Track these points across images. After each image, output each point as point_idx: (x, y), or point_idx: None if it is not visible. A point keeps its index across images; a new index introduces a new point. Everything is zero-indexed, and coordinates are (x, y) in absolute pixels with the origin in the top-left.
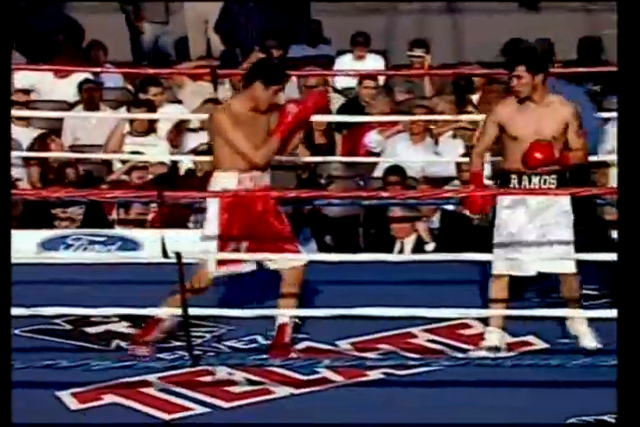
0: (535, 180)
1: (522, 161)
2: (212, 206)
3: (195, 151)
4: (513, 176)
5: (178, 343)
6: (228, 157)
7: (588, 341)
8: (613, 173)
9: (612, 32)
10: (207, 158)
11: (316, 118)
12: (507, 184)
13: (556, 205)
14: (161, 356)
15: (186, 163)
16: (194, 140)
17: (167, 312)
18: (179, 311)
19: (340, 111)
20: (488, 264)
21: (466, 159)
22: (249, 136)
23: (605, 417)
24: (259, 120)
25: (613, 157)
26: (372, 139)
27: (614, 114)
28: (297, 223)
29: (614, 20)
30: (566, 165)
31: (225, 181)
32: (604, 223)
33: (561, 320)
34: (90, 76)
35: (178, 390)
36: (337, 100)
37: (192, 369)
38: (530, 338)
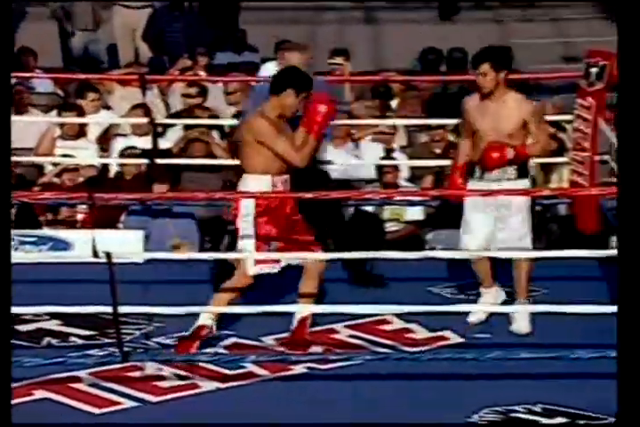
0: (496, 171)
1: (479, 161)
2: (247, 208)
3: (123, 155)
4: (477, 168)
5: (108, 340)
6: (264, 161)
7: (522, 326)
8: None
9: (520, 41)
10: (135, 161)
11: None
12: (472, 175)
13: (516, 198)
14: (91, 352)
15: (114, 166)
16: (123, 144)
17: (207, 318)
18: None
19: None
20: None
21: (385, 162)
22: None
23: (516, 407)
24: (284, 126)
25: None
26: None
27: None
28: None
29: (522, 29)
30: (524, 158)
31: (258, 183)
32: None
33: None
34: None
35: (107, 385)
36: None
37: (122, 365)
38: (446, 333)
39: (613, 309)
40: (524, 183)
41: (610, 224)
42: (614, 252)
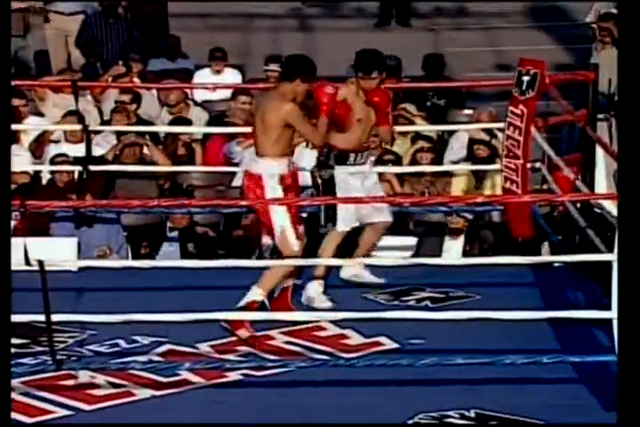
0: (365, 153)
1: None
2: (273, 188)
3: (54, 162)
4: (352, 154)
5: (40, 348)
6: (284, 144)
7: (372, 277)
8: (455, 181)
9: (453, 49)
10: (67, 168)
11: (177, 130)
12: (344, 162)
13: (372, 174)
14: (23, 361)
15: (46, 173)
16: (56, 151)
17: (259, 294)
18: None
19: (208, 125)
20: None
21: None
22: None
23: (451, 412)
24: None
25: (456, 167)
26: (231, 149)
27: (459, 126)
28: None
29: (454, 37)
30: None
31: (279, 166)
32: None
33: (411, 322)
34: None
35: (40, 393)
36: (197, 113)
37: (55, 373)
38: (381, 339)
39: (546, 315)
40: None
41: (542, 231)
42: (547, 258)
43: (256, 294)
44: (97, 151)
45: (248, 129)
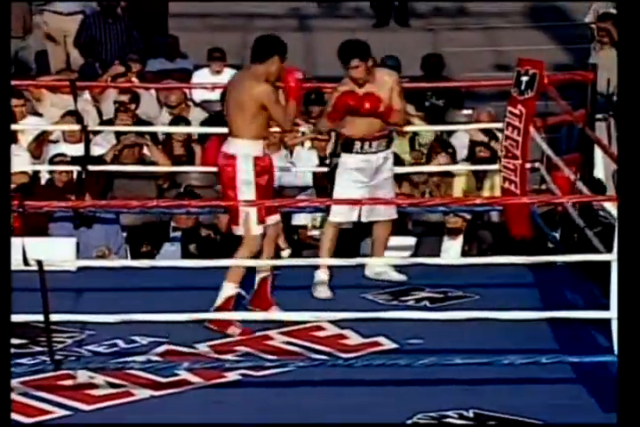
0: (374, 143)
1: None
2: (245, 173)
3: (52, 162)
4: (357, 142)
5: (39, 349)
6: (259, 125)
7: (395, 274)
8: (456, 182)
9: (452, 49)
10: (65, 168)
11: (176, 130)
12: (350, 149)
13: (385, 168)
14: (22, 361)
15: (45, 173)
16: (54, 151)
17: (233, 287)
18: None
19: (204, 124)
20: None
21: (321, 169)
22: None
23: (449, 412)
24: None
25: (456, 167)
26: None
27: (458, 127)
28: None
29: (453, 37)
30: (387, 120)
31: (254, 148)
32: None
33: (410, 322)
34: None
35: (39, 394)
36: (198, 114)
37: (54, 373)
38: (380, 339)
39: (544, 315)
40: (391, 151)
41: (541, 231)
42: (546, 258)
43: (228, 289)
44: (97, 151)
45: None
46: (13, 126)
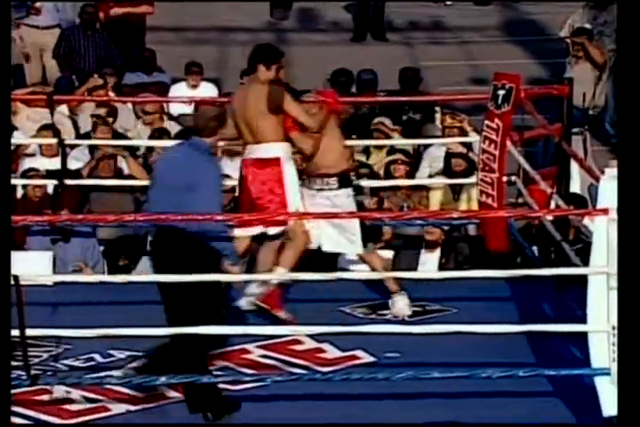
0: (318, 181)
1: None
2: (291, 174)
3: (25, 177)
4: (304, 176)
5: (15, 363)
6: (280, 129)
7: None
8: (432, 195)
9: (428, 63)
10: (40, 182)
11: (155, 143)
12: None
13: (344, 201)
14: None
15: (21, 187)
16: (30, 165)
17: (279, 275)
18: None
19: (178, 137)
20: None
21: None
22: None
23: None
24: None
25: (431, 181)
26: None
27: (434, 140)
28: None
29: (430, 51)
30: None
31: (283, 150)
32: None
33: (388, 335)
34: None
35: (15, 409)
36: (171, 128)
37: (30, 388)
38: (358, 352)
39: (522, 328)
40: (348, 192)
41: (518, 244)
42: (522, 272)
43: (281, 272)
44: (74, 165)
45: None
46: None
